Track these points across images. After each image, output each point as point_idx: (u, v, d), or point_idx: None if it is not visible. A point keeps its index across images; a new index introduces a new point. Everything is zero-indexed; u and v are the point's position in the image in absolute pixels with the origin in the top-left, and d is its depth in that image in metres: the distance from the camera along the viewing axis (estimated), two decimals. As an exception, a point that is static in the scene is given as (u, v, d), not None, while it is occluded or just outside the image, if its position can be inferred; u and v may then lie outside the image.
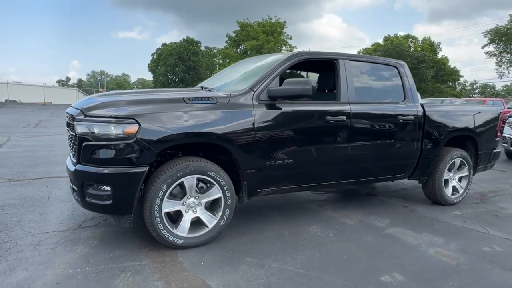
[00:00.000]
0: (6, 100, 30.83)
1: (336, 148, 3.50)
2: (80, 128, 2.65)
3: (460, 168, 4.54)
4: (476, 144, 4.63)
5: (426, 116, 4.08)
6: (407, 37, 56.63)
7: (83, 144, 2.64)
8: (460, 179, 4.59)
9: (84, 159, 2.66)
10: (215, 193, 2.95)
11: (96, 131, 2.61)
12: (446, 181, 4.44)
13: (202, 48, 61.95)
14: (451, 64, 51.49)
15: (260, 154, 3.08)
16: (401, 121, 3.89)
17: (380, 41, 51.78)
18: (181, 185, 2.82)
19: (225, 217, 2.99)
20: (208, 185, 2.93)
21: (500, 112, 4.87)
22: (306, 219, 3.73)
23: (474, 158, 4.72)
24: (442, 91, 43.68)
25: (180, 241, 2.83)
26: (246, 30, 39.45)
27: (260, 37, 38.14)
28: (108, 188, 2.61)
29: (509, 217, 4.13)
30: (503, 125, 8.35)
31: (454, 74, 50.58)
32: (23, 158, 6.43)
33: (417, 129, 4.02)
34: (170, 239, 2.79)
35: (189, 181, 2.82)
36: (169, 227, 2.78)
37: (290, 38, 40.42)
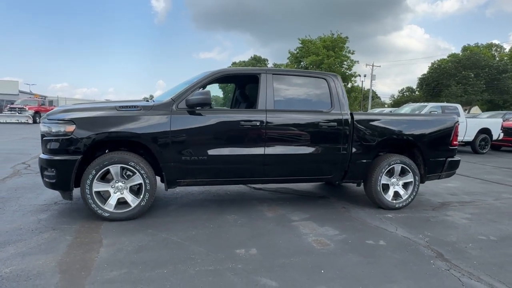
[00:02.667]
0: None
1: (251, 149, 4.10)
2: (42, 127, 3.75)
3: (404, 174, 4.72)
4: (422, 151, 4.76)
5: (354, 123, 4.44)
6: (489, 46, 51.65)
7: (43, 138, 3.73)
8: (405, 185, 4.75)
9: (43, 149, 3.75)
10: (137, 179, 3.80)
11: (49, 129, 3.67)
12: (386, 186, 4.67)
13: (270, 65, 64.17)
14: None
15: (176, 151, 3.86)
16: (324, 127, 4.32)
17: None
18: (109, 172, 3.73)
19: (145, 199, 3.82)
20: (132, 173, 3.80)
21: (455, 122, 4.90)
22: (233, 210, 4.36)
23: (422, 166, 4.84)
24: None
25: (107, 214, 3.73)
26: (307, 46, 40.15)
27: (321, 52, 38.49)
28: (54, 170, 3.63)
29: (439, 222, 4.22)
30: None
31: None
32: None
33: (344, 135, 4.39)
34: (99, 212, 3.71)
35: (114, 168, 3.72)
36: (98, 203, 3.70)
37: (352, 53, 39.95)
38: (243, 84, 5.31)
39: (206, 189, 5.40)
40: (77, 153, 3.62)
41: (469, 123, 12.50)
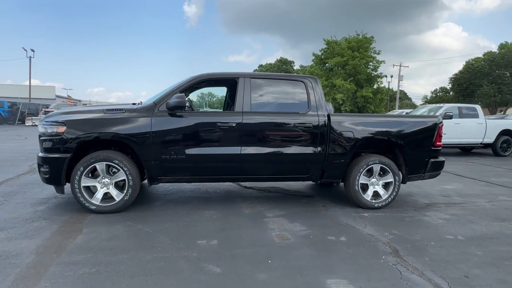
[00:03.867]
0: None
1: (227, 149, 4.36)
2: (40, 129, 4.21)
3: (384, 174, 4.80)
4: (402, 152, 4.82)
5: (331, 125, 4.59)
6: (529, 43, 48.90)
7: (40, 138, 4.19)
8: (386, 185, 4.83)
9: (40, 148, 4.21)
10: (121, 176, 4.16)
11: (45, 130, 4.11)
12: (366, 186, 4.77)
13: (297, 67, 64.11)
14: None
15: (156, 150, 4.19)
16: (300, 128, 4.51)
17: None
18: (96, 169, 4.12)
19: (128, 194, 4.17)
20: (117, 170, 4.17)
21: (437, 123, 4.91)
22: (214, 206, 4.63)
23: (404, 166, 4.89)
24: None
25: (93, 207, 4.12)
26: (332, 47, 39.82)
27: (346, 53, 38.06)
28: (47, 166, 4.07)
29: (413, 222, 4.28)
30: None
31: None
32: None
33: (320, 135, 4.55)
34: (86, 204, 4.10)
35: (100, 166, 4.10)
36: (86, 196, 4.10)
37: (378, 53, 39.15)
38: (229, 87, 5.59)
39: (197, 187, 5.72)
40: (67, 152, 4.04)
41: (489, 124, 12.07)
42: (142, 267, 2.80)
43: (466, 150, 13.66)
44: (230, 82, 4.79)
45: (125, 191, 4.18)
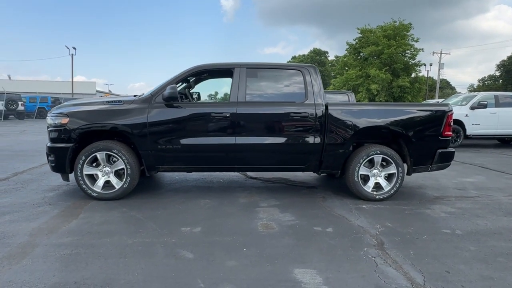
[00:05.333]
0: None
1: (222, 139, 4.40)
2: (48, 120, 4.49)
3: (387, 165, 4.62)
4: (406, 142, 4.61)
5: (328, 114, 4.48)
6: None
7: (48, 129, 4.47)
8: (388, 176, 4.66)
9: (48, 138, 4.50)
10: (120, 165, 4.35)
11: (52, 121, 4.38)
12: (367, 177, 4.63)
13: (332, 58, 62.66)
14: None
15: (152, 140, 4.32)
16: (296, 118, 4.44)
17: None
18: (97, 158, 4.34)
19: (127, 182, 4.36)
20: (117, 159, 4.36)
21: (446, 111, 4.63)
22: (211, 196, 4.71)
23: (408, 157, 4.68)
24: None
25: (95, 194, 4.34)
26: (366, 36, 38.44)
27: (381, 42, 36.59)
28: (53, 155, 4.35)
29: (412, 215, 4.10)
30: None
31: None
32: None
33: (317, 125, 4.46)
34: (88, 191, 4.34)
35: (101, 155, 4.31)
36: (88, 184, 4.33)
37: (416, 41, 37.21)
38: (227, 77, 5.61)
39: (202, 177, 5.84)
40: (70, 141, 4.29)
41: (530, 113, 11.15)
42: (119, 250, 2.93)
43: (505, 142, 12.74)
44: (228, 72, 4.81)
45: (124, 179, 4.36)
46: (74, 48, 38.21)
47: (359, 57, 40.97)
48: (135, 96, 4.76)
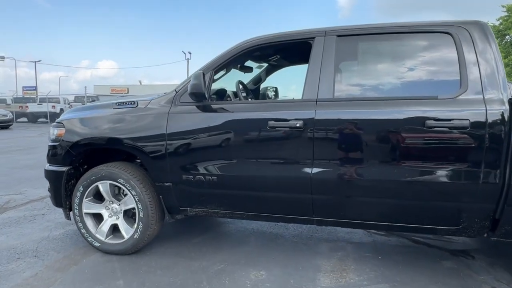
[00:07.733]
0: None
1: (288, 168, 2.41)
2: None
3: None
4: None
5: None
6: None
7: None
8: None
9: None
10: (130, 202, 2.77)
11: (51, 134, 3.04)
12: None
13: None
14: None
15: (174, 166, 2.60)
16: (441, 131, 2.15)
17: None
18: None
19: (138, 230, 2.74)
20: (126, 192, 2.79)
21: None
22: (272, 260, 2.77)
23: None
24: None
25: (97, 244, 2.85)
26: (516, 13, 30.58)
27: (538, 20, 28.61)
28: (49, 183, 3.02)
29: None
30: None
31: None
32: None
33: (490, 144, 2.09)
34: (89, 239, 2.87)
35: (104, 186, 2.80)
36: (89, 228, 2.87)
37: None
38: (291, 60, 3.55)
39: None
40: (65, 163, 2.90)
41: None
42: None
43: None
44: (297, 49, 2.81)
45: (135, 226, 2.77)
46: (190, 53, 40.50)
47: (503, 42, 33.10)
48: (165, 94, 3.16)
